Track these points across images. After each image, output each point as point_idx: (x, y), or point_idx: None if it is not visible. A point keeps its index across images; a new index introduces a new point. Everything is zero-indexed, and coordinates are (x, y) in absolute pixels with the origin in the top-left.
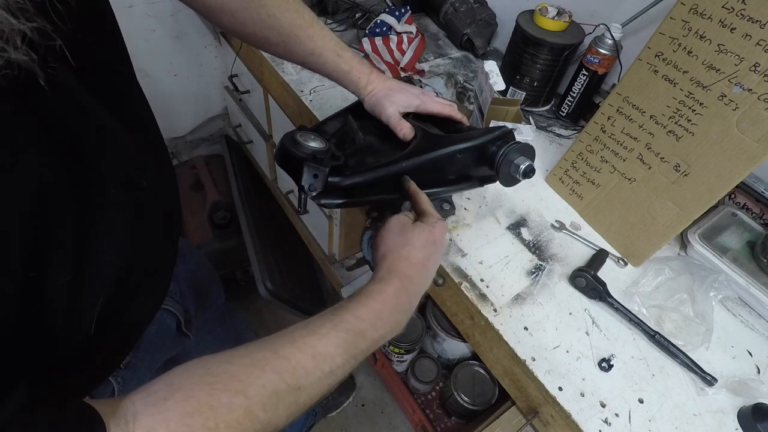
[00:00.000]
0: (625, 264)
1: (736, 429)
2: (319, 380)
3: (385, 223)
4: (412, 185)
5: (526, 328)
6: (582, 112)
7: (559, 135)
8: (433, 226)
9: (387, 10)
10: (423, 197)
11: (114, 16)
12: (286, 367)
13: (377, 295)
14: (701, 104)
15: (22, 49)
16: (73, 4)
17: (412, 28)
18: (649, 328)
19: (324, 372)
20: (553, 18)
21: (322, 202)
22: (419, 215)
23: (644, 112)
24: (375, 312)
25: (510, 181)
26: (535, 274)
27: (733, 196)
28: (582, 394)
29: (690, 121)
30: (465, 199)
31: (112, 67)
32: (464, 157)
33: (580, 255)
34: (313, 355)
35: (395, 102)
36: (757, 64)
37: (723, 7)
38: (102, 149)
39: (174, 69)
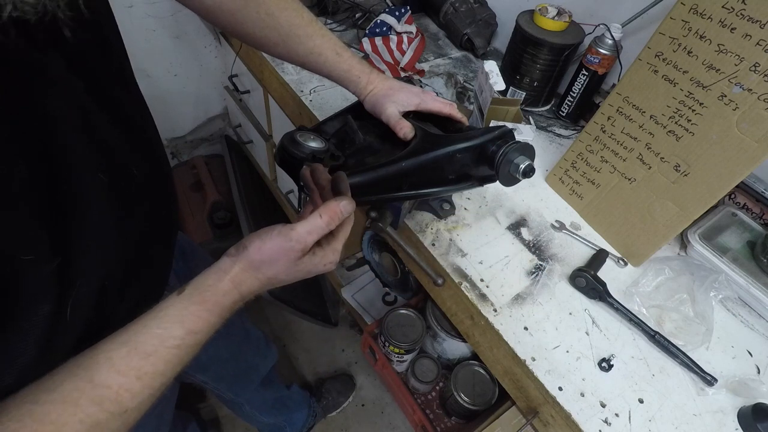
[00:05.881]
0: (625, 264)
1: (736, 429)
2: (149, 397)
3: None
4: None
5: (526, 328)
6: (582, 112)
7: (559, 135)
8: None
9: (387, 10)
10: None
11: (113, 18)
12: (106, 395)
13: (211, 297)
14: (701, 104)
15: None
16: None
17: (412, 28)
18: (649, 328)
19: (155, 389)
20: (553, 18)
21: None
22: None
23: (644, 112)
24: (206, 322)
25: (510, 180)
26: (535, 274)
27: (733, 196)
28: (582, 394)
29: (690, 121)
30: (465, 199)
31: (108, 65)
32: (464, 156)
33: (580, 255)
34: (138, 376)
35: (395, 101)
36: (757, 64)
37: (723, 7)
38: (90, 143)
39: (174, 69)
